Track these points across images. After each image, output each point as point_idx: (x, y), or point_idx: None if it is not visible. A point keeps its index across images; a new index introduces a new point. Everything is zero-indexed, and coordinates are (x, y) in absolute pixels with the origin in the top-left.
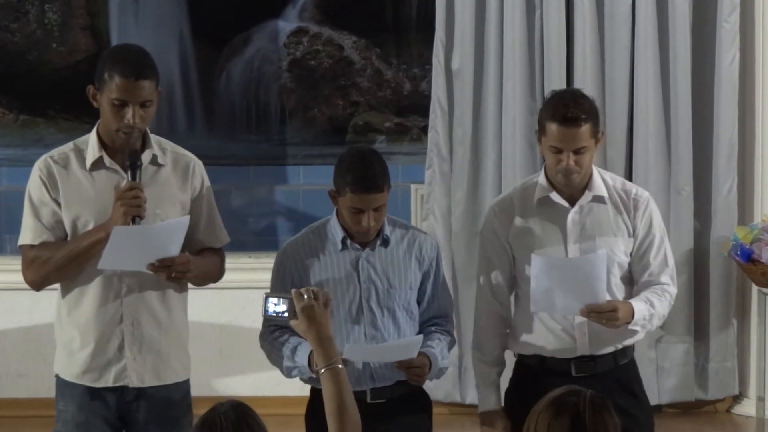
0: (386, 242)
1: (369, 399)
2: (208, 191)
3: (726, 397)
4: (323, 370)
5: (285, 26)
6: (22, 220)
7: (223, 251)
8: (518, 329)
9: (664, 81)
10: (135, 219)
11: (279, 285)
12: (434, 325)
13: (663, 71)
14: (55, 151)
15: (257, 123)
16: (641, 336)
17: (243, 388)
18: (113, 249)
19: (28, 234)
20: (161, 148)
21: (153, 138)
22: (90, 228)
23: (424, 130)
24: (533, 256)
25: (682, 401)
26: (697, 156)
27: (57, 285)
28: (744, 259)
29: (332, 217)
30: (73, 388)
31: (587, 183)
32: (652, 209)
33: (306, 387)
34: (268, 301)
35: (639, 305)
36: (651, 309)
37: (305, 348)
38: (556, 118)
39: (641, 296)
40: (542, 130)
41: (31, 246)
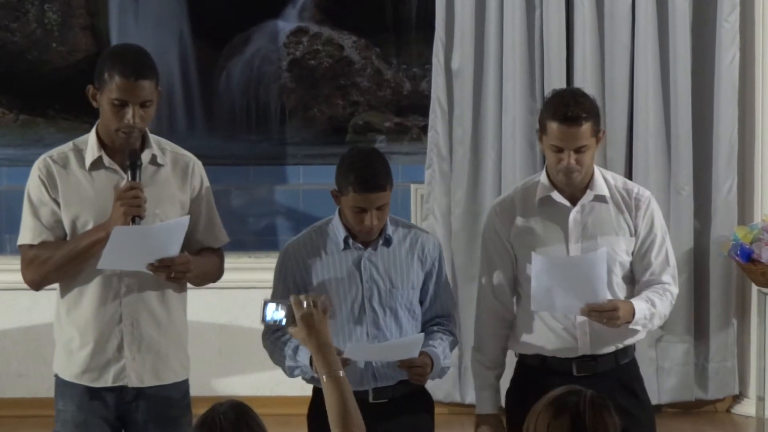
0: (388, 242)
1: (371, 399)
2: (208, 191)
3: (726, 397)
4: (325, 378)
5: (285, 26)
6: (22, 220)
7: (222, 251)
8: (520, 329)
9: (664, 81)
10: (135, 219)
11: (281, 284)
12: (437, 325)
13: (663, 71)
14: (55, 151)
15: (257, 123)
16: (642, 335)
17: (242, 388)
18: (113, 249)
19: (28, 234)
20: (160, 148)
21: (152, 138)
22: (89, 228)
23: (424, 130)
24: (533, 255)
25: (682, 401)
26: (697, 156)
27: (56, 285)
28: (744, 259)
29: (334, 217)
30: (73, 388)
31: (589, 182)
32: (654, 208)
33: (305, 387)
34: (267, 308)
35: (640, 304)
36: (652, 308)
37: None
38: (557, 117)
39: (642, 295)
40: (543, 129)
41: (31, 246)
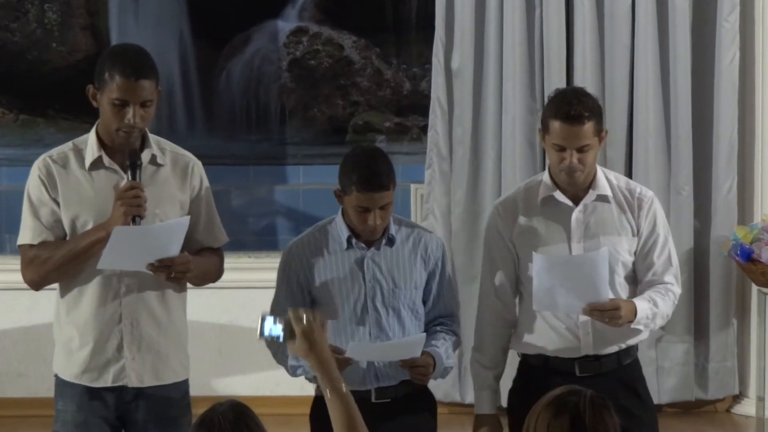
0: (392, 241)
1: (373, 398)
2: (207, 191)
3: (726, 397)
4: (329, 394)
5: (285, 26)
6: (21, 220)
7: (222, 251)
8: (522, 329)
9: (664, 80)
10: (135, 219)
11: (284, 284)
12: (440, 325)
13: (663, 71)
14: (54, 151)
15: (257, 123)
16: (645, 335)
17: (242, 388)
18: (113, 249)
19: (28, 233)
20: (160, 148)
21: (152, 138)
22: (89, 228)
23: (424, 130)
24: (534, 254)
25: (682, 401)
26: (697, 156)
27: (56, 285)
28: (744, 259)
29: (338, 216)
30: (72, 388)
31: (591, 182)
32: (656, 208)
33: (305, 387)
34: (265, 323)
35: (642, 304)
36: (654, 308)
37: None
38: (560, 116)
39: (644, 295)
40: (546, 128)
41: (31, 245)
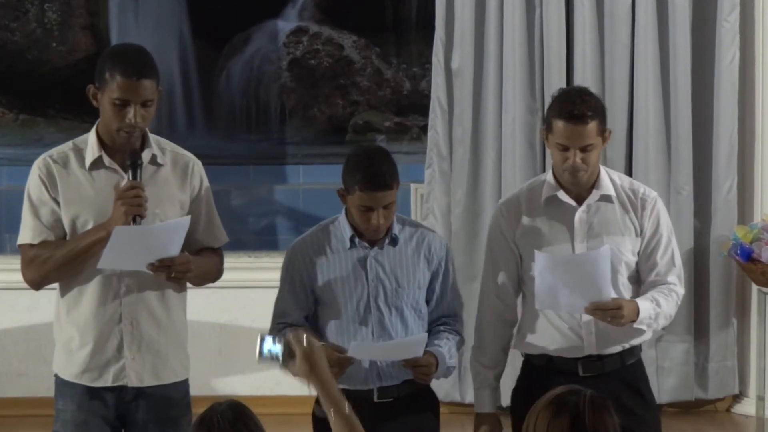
0: (395, 241)
1: (376, 398)
2: (207, 191)
3: (726, 397)
4: (332, 415)
5: (285, 26)
6: (22, 220)
7: (222, 251)
8: (525, 328)
9: (664, 80)
10: (136, 218)
11: (287, 283)
12: (443, 325)
13: (663, 71)
14: (54, 151)
15: (257, 122)
16: (649, 336)
17: (242, 388)
18: (113, 249)
19: (28, 233)
20: (160, 148)
21: (152, 137)
22: (89, 227)
23: (424, 130)
24: (537, 253)
25: (682, 400)
26: (697, 155)
27: (56, 284)
28: (744, 259)
29: (341, 216)
30: (72, 388)
31: (595, 182)
32: (660, 209)
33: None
34: (264, 343)
35: (644, 304)
36: (657, 308)
37: None
38: (563, 116)
39: (647, 295)
40: (549, 128)
41: (31, 245)
